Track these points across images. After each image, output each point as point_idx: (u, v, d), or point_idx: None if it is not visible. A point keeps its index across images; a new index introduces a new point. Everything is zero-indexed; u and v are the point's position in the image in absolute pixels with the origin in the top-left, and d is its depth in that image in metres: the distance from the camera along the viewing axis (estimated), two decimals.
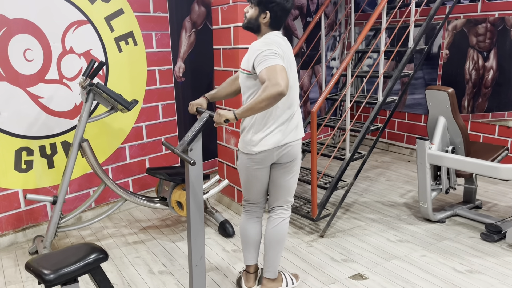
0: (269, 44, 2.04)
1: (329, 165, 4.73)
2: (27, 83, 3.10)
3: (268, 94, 1.90)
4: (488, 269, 2.75)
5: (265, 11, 2.10)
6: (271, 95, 1.90)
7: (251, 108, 1.95)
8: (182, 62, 4.05)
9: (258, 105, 1.93)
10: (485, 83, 4.56)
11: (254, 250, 2.50)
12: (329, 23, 5.57)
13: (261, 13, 2.11)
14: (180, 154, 1.98)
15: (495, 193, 4.05)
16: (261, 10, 2.11)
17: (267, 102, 1.92)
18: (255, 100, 1.93)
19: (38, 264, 1.78)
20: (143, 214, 3.77)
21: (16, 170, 3.15)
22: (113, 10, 3.45)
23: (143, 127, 3.85)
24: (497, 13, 4.33)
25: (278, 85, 1.89)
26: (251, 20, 2.14)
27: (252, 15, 2.13)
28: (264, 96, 1.90)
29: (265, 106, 1.93)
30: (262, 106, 1.93)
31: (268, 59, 1.97)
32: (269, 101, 1.91)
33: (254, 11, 2.12)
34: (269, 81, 1.91)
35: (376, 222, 3.49)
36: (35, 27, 3.07)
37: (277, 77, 1.91)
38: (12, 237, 3.21)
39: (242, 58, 3.24)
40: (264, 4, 2.09)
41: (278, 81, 1.90)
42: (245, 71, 2.16)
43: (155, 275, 2.78)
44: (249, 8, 2.15)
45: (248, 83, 2.17)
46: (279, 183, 2.34)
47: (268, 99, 1.90)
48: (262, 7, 2.10)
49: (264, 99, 1.90)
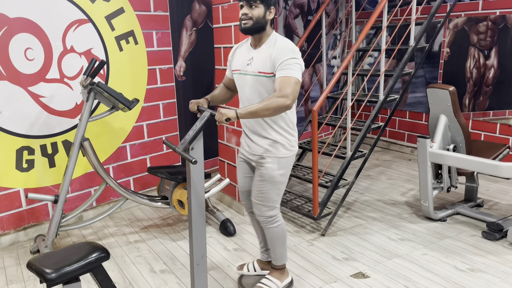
0: (296, 53, 2.11)
1: (330, 163, 4.72)
2: (28, 82, 3.10)
3: (275, 104, 1.99)
4: (489, 267, 2.75)
5: (269, 8, 2.15)
6: (278, 106, 2.00)
7: (255, 112, 2.00)
8: (183, 61, 4.04)
9: (263, 112, 2.01)
10: (486, 82, 4.55)
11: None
12: (330, 22, 5.56)
13: (267, 10, 2.15)
14: (182, 153, 1.98)
15: (496, 192, 4.04)
16: (267, 6, 2.14)
17: (272, 111, 2.02)
18: (261, 106, 1.99)
19: (40, 263, 1.78)
20: (144, 213, 3.77)
21: (17, 169, 3.15)
22: (113, 9, 3.44)
23: (144, 126, 3.85)
24: (498, 11, 4.32)
25: (287, 97, 2.00)
26: (259, 19, 2.14)
27: (260, 14, 2.14)
28: (271, 105, 1.99)
29: (269, 114, 2.03)
30: (266, 114, 2.02)
31: (290, 68, 2.06)
32: (274, 110, 2.02)
33: (261, 10, 2.13)
34: (280, 91, 2.01)
35: (377, 220, 3.49)
36: (36, 26, 3.07)
37: (288, 89, 2.01)
38: (13, 236, 3.22)
39: None
40: (268, 1, 2.14)
41: (287, 93, 2.00)
42: (264, 73, 2.15)
43: (157, 274, 2.78)
44: (251, 9, 2.13)
45: (262, 85, 2.18)
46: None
47: (274, 108, 2.01)
48: (267, 4, 2.14)
49: (270, 108, 2.00)
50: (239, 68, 2.27)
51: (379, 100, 3.57)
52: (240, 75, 2.26)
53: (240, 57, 2.28)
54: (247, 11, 2.12)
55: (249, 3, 2.11)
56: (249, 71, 2.20)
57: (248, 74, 2.21)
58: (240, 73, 2.26)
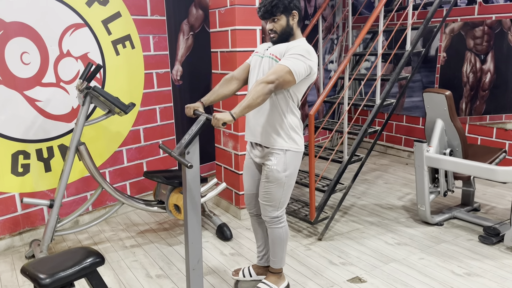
0: (309, 54, 2.16)
1: (327, 168, 4.72)
2: (24, 87, 3.09)
3: (260, 90, 2.04)
4: (486, 271, 2.75)
5: (291, 13, 2.20)
6: (262, 91, 2.04)
7: (248, 105, 2.04)
8: (180, 65, 4.04)
9: (255, 101, 2.04)
10: (483, 86, 4.57)
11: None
12: (327, 26, 5.58)
13: (289, 16, 2.20)
14: (177, 157, 1.97)
15: (493, 196, 4.05)
16: (288, 14, 2.19)
17: (261, 97, 2.05)
18: (251, 97, 2.03)
19: (34, 268, 1.77)
20: (141, 217, 3.75)
21: (12, 173, 3.13)
22: (110, 13, 3.44)
23: (141, 130, 3.84)
24: (494, 16, 4.34)
25: (270, 83, 2.06)
26: (284, 30, 2.22)
27: (283, 25, 2.21)
28: (258, 93, 2.04)
29: (261, 101, 2.06)
30: (258, 101, 2.05)
31: (291, 59, 2.10)
32: (262, 96, 2.04)
33: (283, 20, 2.20)
34: (266, 77, 2.07)
35: (374, 225, 3.49)
36: (32, 30, 3.06)
37: (272, 76, 2.07)
38: (8, 241, 3.20)
39: (240, 60, 3.26)
40: (287, 8, 2.18)
41: (271, 79, 2.06)
42: (275, 57, 2.21)
43: (153, 279, 2.76)
44: (274, 23, 2.21)
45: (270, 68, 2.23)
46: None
47: (260, 94, 2.03)
48: (287, 11, 2.19)
49: (259, 95, 2.04)
50: (258, 51, 2.35)
51: (376, 105, 3.57)
52: (258, 57, 2.33)
53: (267, 45, 2.36)
54: (271, 26, 2.22)
55: (271, 18, 2.20)
56: (265, 54, 2.27)
57: (264, 56, 2.28)
58: (258, 55, 2.33)
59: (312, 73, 2.19)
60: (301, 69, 2.11)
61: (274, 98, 2.21)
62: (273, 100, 2.22)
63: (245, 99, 2.04)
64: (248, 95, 2.05)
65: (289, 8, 2.18)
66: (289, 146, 2.28)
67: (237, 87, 2.41)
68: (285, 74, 2.08)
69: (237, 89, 2.41)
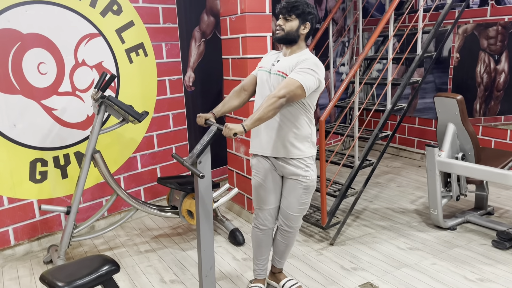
0: (318, 68, 2.19)
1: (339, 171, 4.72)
2: (41, 96, 3.18)
3: (271, 104, 2.07)
4: (499, 277, 2.73)
5: (305, 23, 2.23)
6: (273, 105, 2.07)
7: (259, 118, 2.07)
8: (192, 72, 4.10)
9: (267, 115, 2.07)
10: (497, 86, 4.52)
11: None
12: (338, 29, 5.58)
13: (301, 24, 2.23)
14: (189, 167, 2.01)
15: (507, 199, 4.01)
16: (302, 21, 2.22)
17: (272, 111, 2.08)
18: (262, 110, 2.06)
19: (53, 276, 1.83)
20: (155, 222, 3.82)
21: (31, 180, 3.22)
22: (124, 22, 3.51)
23: (154, 136, 3.91)
24: (506, 18, 4.30)
25: (282, 97, 2.09)
26: (291, 32, 2.23)
27: (293, 27, 2.23)
28: (270, 107, 2.07)
29: (272, 114, 2.09)
30: (270, 115, 2.09)
31: (301, 72, 2.14)
32: (273, 109, 2.07)
33: (295, 23, 2.22)
34: (278, 91, 2.09)
35: (386, 229, 3.49)
36: (48, 41, 3.15)
37: (283, 91, 2.10)
38: (27, 246, 3.29)
39: (251, 67, 3.29)
40: (304, 16, 2.22)
41: (282, 94, 2.09)
42: (282, 73, 2.25)
43: (167, 284, 2.82)
44: (285, 21, 2.23)
45: (278, 84, 2.26)
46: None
47: (271, 108, 2.07)
48: (302, 19, 2.22)
49: (270, 109, 2.07)
50: (264, 65, 2.37)
51: (387, 109, 3.57)
52: (264, 71, 2.35)
53: (270, 58, 2.38)
54: (281, 23, 2.24)
55: (285, 15, 2.22)
56: (272, 70, 2.30)
57: (271, 72, 2.30)
58: (264, 69, 2.35)
59: (320, 85, 2.24)
60: (311, 83, 2.15)
61: (288, 108, 2.24)
62: (288, 111, 2.25)
63: (256, 112, 2.07)
64: (259, 109, 2.08)
65: (306, 17, 2.22)
66: (311, 152, 2.36)
67: (246, 98, 2.47)
68: (296, 88, 2.11)
69: (246, 100, 2.47)
